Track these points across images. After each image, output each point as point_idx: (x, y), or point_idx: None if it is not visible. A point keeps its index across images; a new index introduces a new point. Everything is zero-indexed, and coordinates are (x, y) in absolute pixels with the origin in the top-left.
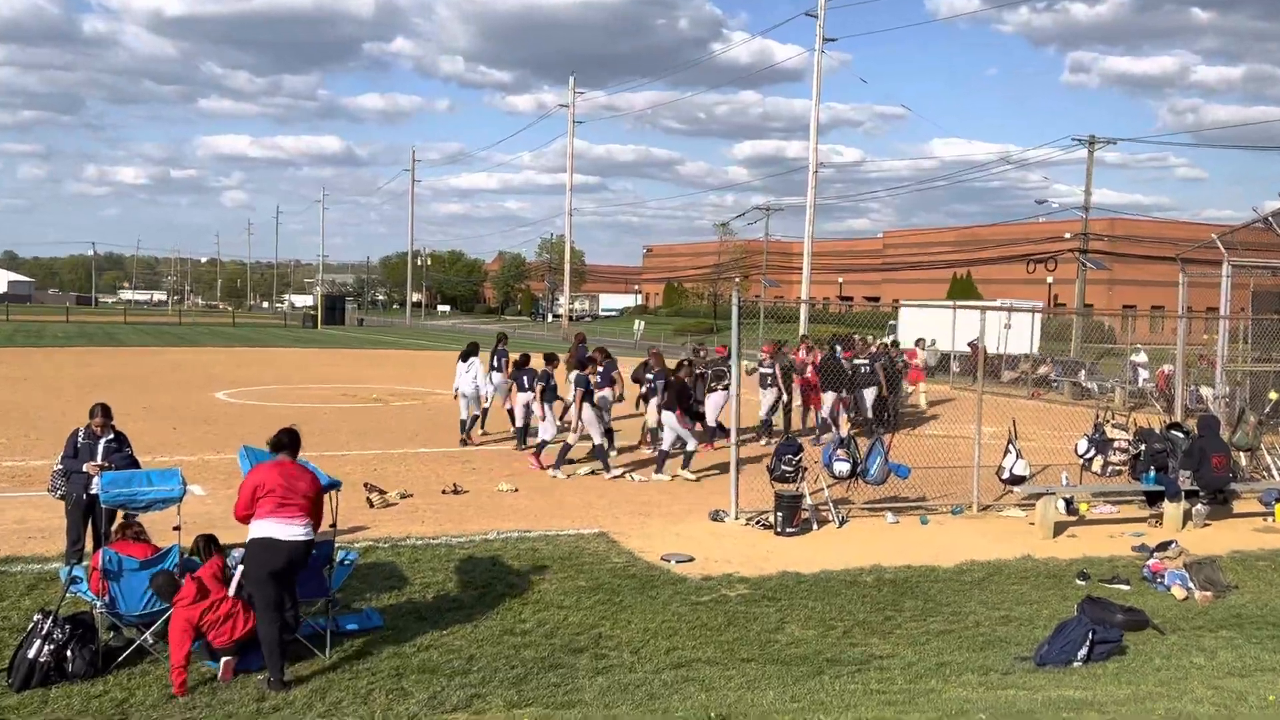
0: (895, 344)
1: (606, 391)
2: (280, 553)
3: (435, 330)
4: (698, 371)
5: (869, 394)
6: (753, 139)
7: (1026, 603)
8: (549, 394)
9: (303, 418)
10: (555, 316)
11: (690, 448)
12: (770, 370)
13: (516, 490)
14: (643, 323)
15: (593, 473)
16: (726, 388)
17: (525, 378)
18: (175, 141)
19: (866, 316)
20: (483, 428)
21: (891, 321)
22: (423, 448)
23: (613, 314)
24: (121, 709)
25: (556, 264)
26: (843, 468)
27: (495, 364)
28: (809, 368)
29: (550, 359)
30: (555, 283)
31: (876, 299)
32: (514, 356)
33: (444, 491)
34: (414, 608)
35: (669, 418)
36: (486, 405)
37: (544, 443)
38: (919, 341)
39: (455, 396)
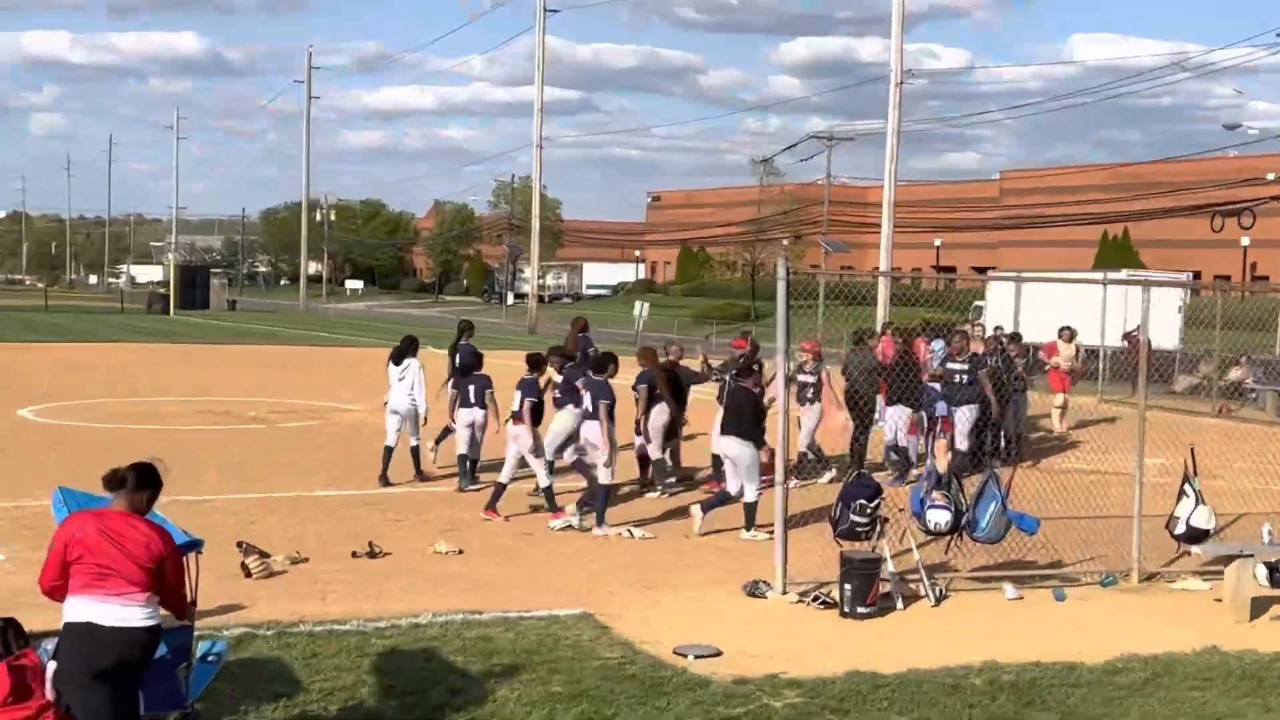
0: (1015, 337)
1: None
2: (104, 645)
3: (344, 317)
4: (714, 376)
5: (964, 414)
6: (808, 35)
7: (1212, 718)
8: (537, 416)
9: (149, 445)
10: (519, 297)
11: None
12: (813, 379)
13: (460, 552)
14: (646, 305)
15: (568, 527)
16: None
17: (471, 388)
18: None
19: (974, 296)
20: (468, 478)
21: (978, 303)
22: (325, 489)
23: (603, 292)
24: None
25: (521, 220)
26: (941, 519)
27: (456, 368)
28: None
29: (536, 362)
30: (518, 247)
31: (988, 269)
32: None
33: (355, 554)
34: None
35: (592, 428)
36: (454, 429)
37: (547, 490)
38: (1063, 332)
39: (385, 406)
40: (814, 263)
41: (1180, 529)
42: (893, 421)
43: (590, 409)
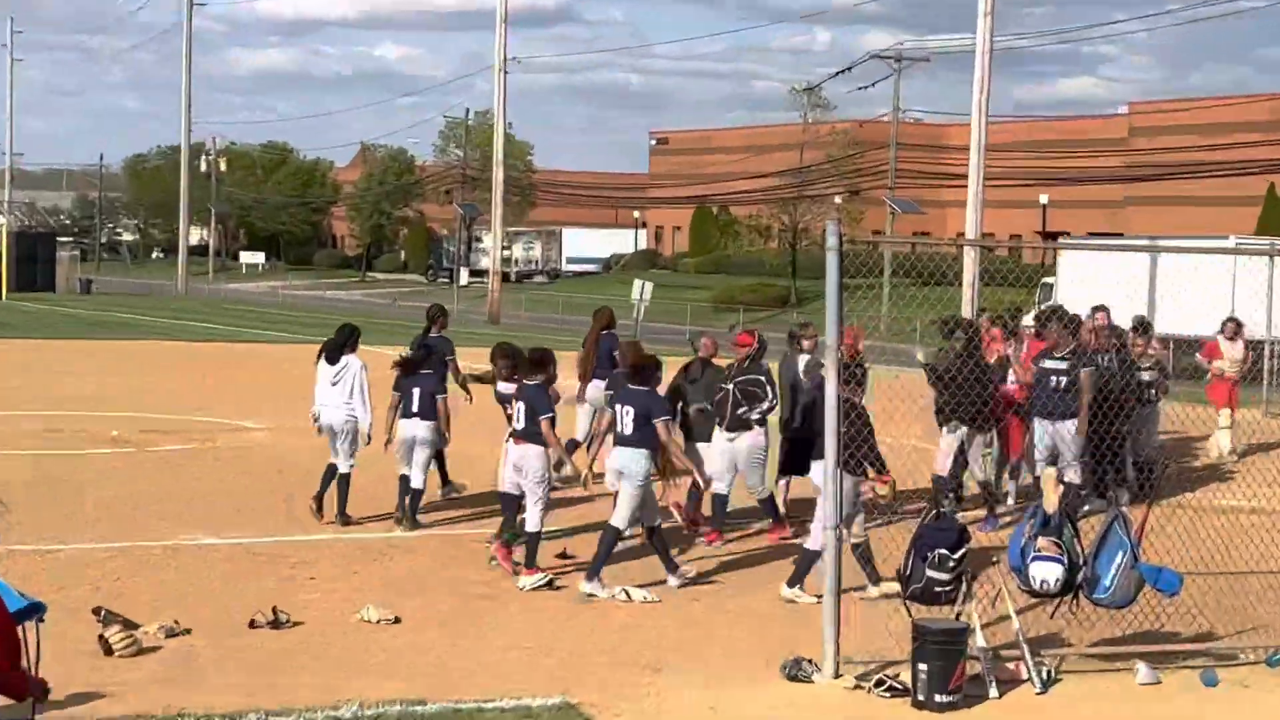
0: (1141, 326)
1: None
2: None
3: (239, 301)
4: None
5: (1066, 428)
6: None
7: None
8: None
9: None
10: (476, 275)
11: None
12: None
13: (397, 620)
14: (649, 286)
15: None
16: (763, 419)
17: (415, 391)
18: None
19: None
20: (408, 516)
21: (1046, 279)
22: (213, 535)
23: (590, 268)
24: None
25: (479, 171)
26: (1049, 574)
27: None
28: (1011, 374)
29: (539, 361)
30: (475, 208)
31: (1113, 237)
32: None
33: (254, 624)
34: None
35: (633, 457)
36: (427, 447)
37: (533, 538)
38: (1227, 325)
39: (316, 428)
40: (876, 228)
41: None
42: (948, 445)
43: (520, 426)
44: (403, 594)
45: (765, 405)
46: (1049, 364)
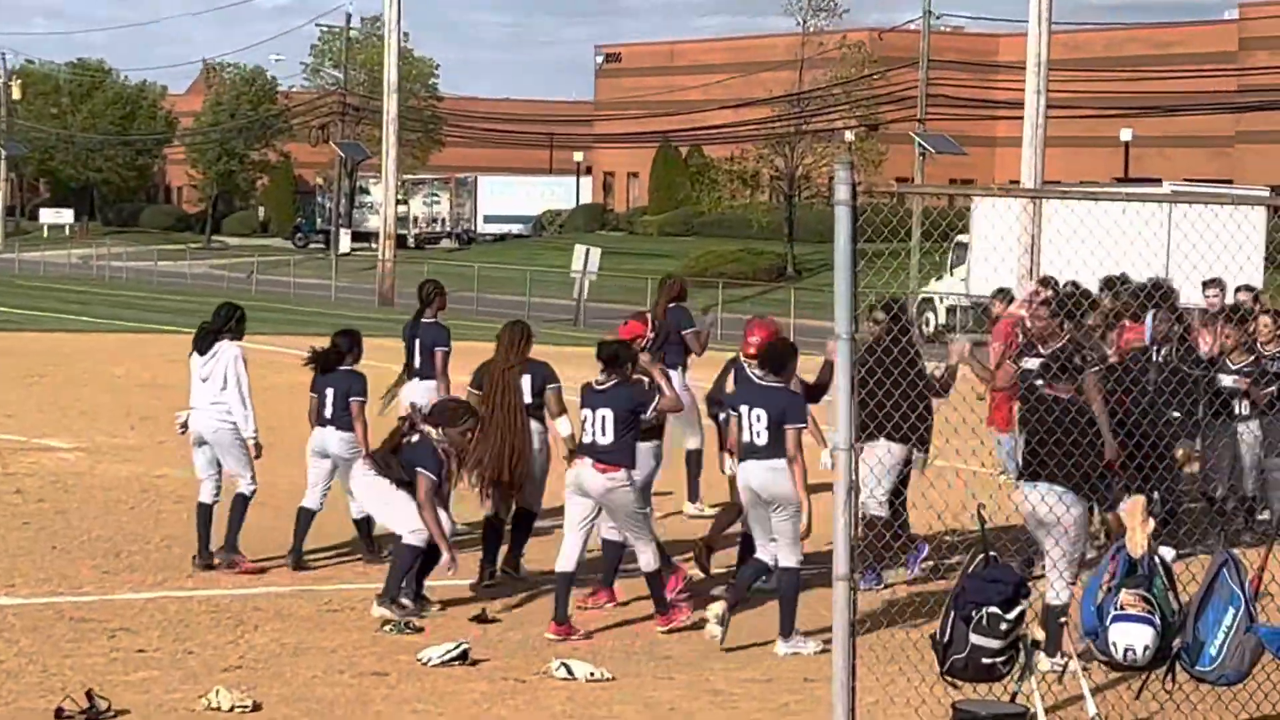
0: (1225, 314)
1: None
2: None
3: (36, 274)
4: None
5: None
6: None
7: None
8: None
9: None
10: (360, 239)
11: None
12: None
13: (257, 707)
14: (596, 254)
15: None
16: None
17: (330, 394)
18: None
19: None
20: (370, 545)
21: (960, 237)
22: (6, 596)
23: (516, 229)
24: None
25: (365, 98)
26: (1136, 639)
27: (412, 365)
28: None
29: (615, 358)
30: (360, 149)
31: (1223, 183)
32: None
33: (64, 714)
34: None
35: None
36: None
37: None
38: None
39: (183, 434)
40: (901, 174)
41: None
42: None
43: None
44: (266, 671)
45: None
46: (1030, 362)
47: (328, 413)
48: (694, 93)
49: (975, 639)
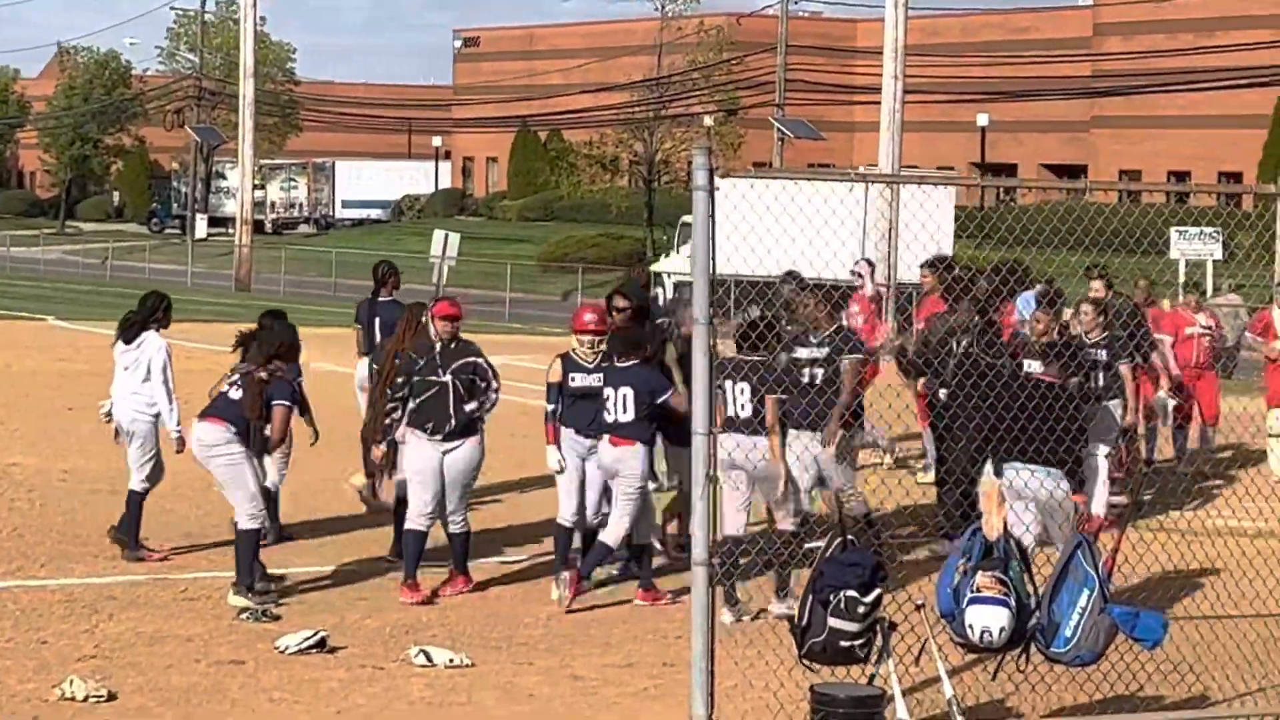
0: (1046, 297)
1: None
2: None
3: None
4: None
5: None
6: None
7: None
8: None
9: None
10: (217, 224)
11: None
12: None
13: (112, 697)
14: (456, 239)
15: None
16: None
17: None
18: None
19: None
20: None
21: (685, 218)
22: None
23: (374, 214)
24: None
25: (221, 81)
26: (992, 621)
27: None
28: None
29: (631, 342)
30: (216, 134)
31: (1077, 171)
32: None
33: None
34: None
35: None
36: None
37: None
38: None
39: (107, 423)
40: (760, 159)
41: None
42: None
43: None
44: (121, 661)
45: (493, 398)
46: (802, 352)
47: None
48: (553, 77)
49: (833, 622)
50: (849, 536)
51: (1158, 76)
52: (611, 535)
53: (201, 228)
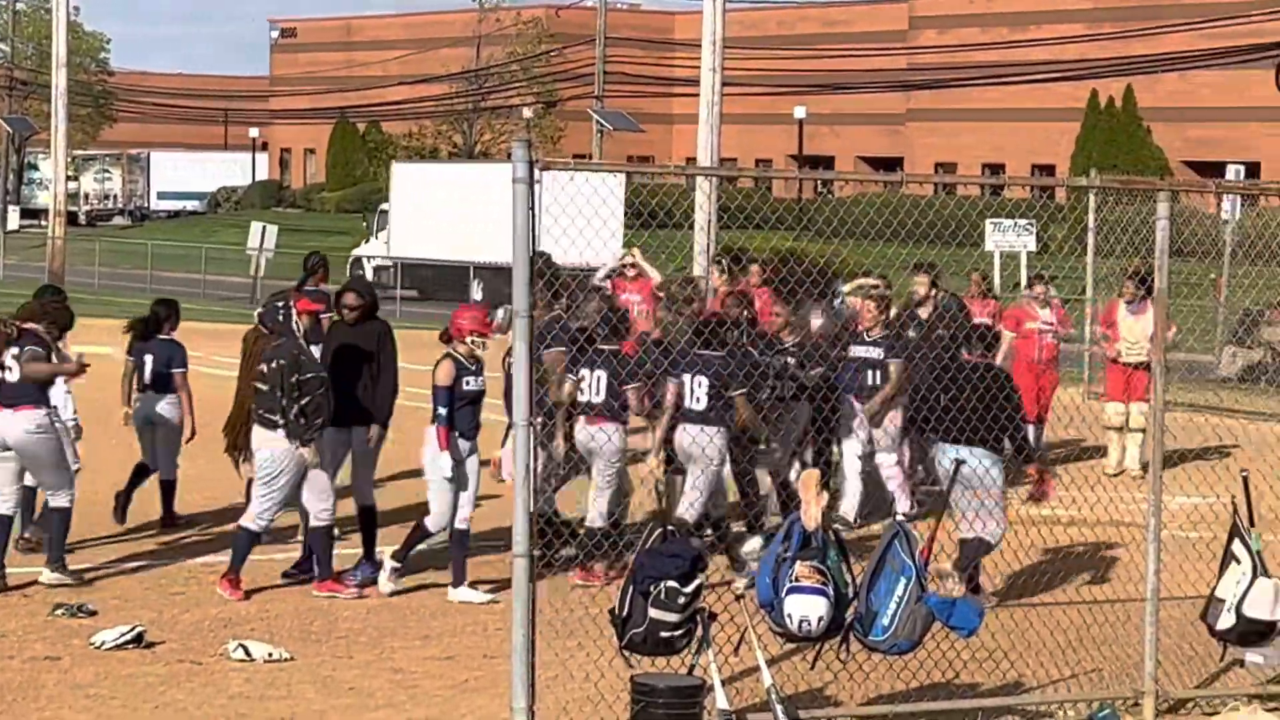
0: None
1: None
2: None
3: None
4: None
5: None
6: None
7: None
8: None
9: None
10: (29, 216)
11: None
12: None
13: None
14: (272, 230)
15: None
16: None
17: (150, 360)
18: None
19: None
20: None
21: (383, 206)
22: None
23: (192, 205)
24: None
25: (33, 71)
26: (810, 610)
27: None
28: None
29: (616, 328)
30: (27, 124)
31: (894, 163)
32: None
33: None
34: None
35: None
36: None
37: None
38: (1128, 286)
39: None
40: (580, 151)
41: (1226, 620)
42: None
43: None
44: None
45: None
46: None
47: (147, 379)
48: (372, 69)
49: (654, 613)
50: (670, 527)
51: (972, 70)
52: (594, 517)
53: (13, 220)
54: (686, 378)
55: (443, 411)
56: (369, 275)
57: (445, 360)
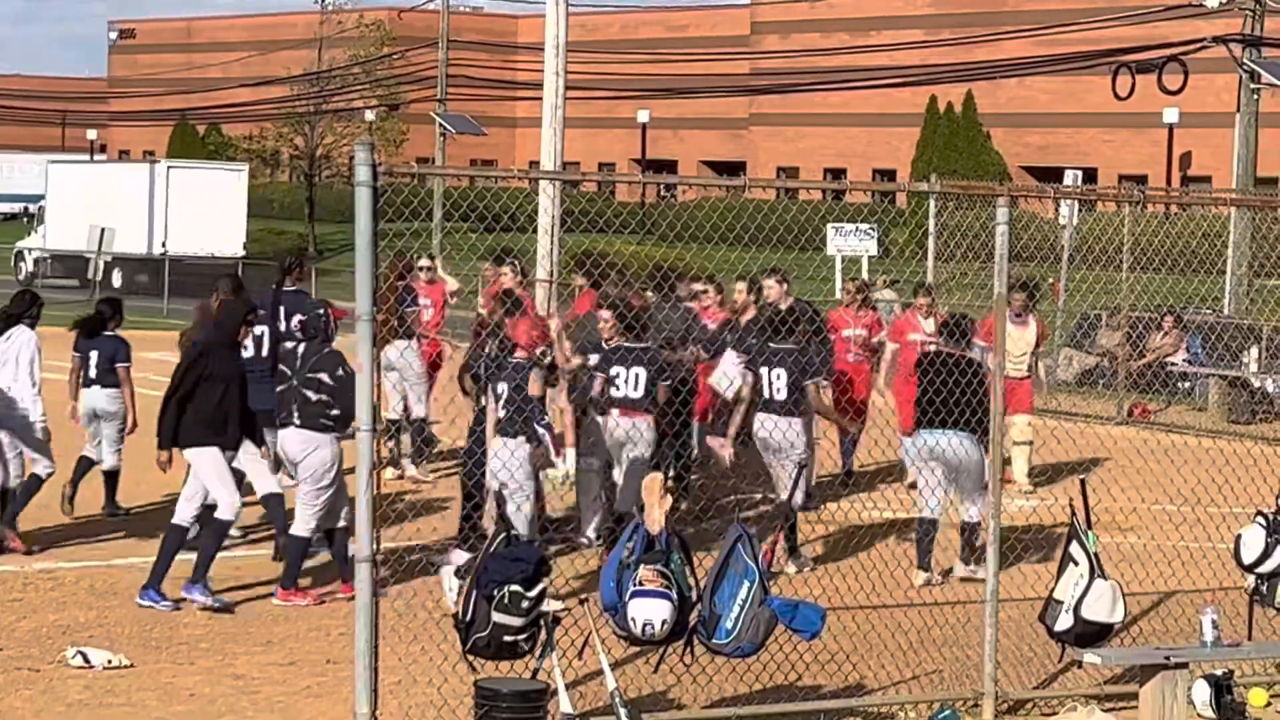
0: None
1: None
2: None
3: None
4: None
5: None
6: None
7: None
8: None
9: None
10: None
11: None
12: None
13: None
14: (111, 231)
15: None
16: None
17: (95, 355)
18: None
19: (715, 212)
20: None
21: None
22: None
23: (18, 209)
24: None
25: None
26: (653, 614)
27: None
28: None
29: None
30: None
31: (737, 167)
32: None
33: None
34: None
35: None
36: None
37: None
38: (1016, 299)
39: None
40: (423, 154)
41: (1064, 621)
42: None
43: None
44: None
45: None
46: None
47: (92, 373)
48: (212, 70)
49: (498, 617)
50: (514, 531)
51: (813, 75)
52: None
53: None
54: (764, 370)
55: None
56: (29, 266)
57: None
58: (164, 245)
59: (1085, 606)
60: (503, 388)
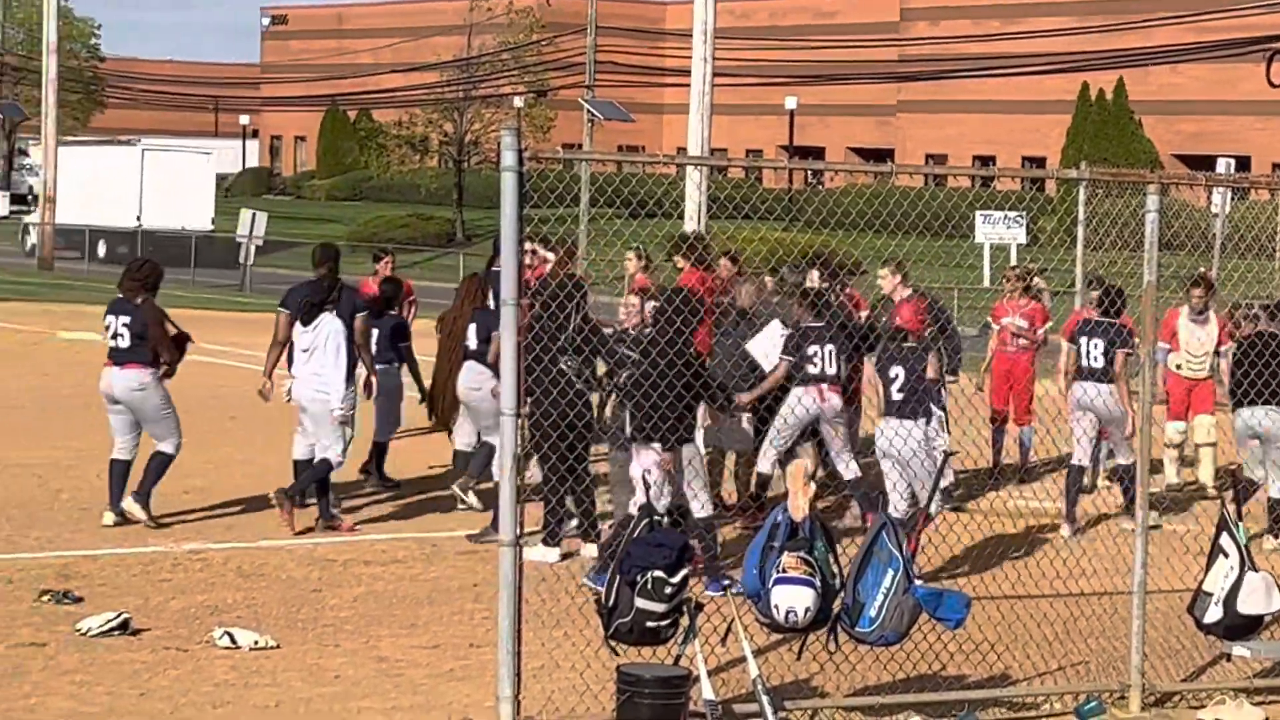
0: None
1: None
2: None
3: None
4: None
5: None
6: None
7: None
8: None
9: None
10: (19, 202)
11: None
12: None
13: None
14: (262, 217)
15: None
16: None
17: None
18: None
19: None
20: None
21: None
22: None
23: None
24: None
25: (25, 57)
26: (796, 601)
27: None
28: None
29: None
30: (18, 109)
31: (884, 155)
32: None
33: None
34: None
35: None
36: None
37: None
38: (1196, 294)
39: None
40: (570, 140)
41: (1214, 614)
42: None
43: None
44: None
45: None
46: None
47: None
48: (363, 56)
49: (640, 603)
50: (657, 517)
51: (963, 61)
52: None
53: (3, 205)
54: (880, 370)
55: None
56: (33, 239)
57: None
58: (138, 219)
59: (1240, 599)
60: (897, 370)
